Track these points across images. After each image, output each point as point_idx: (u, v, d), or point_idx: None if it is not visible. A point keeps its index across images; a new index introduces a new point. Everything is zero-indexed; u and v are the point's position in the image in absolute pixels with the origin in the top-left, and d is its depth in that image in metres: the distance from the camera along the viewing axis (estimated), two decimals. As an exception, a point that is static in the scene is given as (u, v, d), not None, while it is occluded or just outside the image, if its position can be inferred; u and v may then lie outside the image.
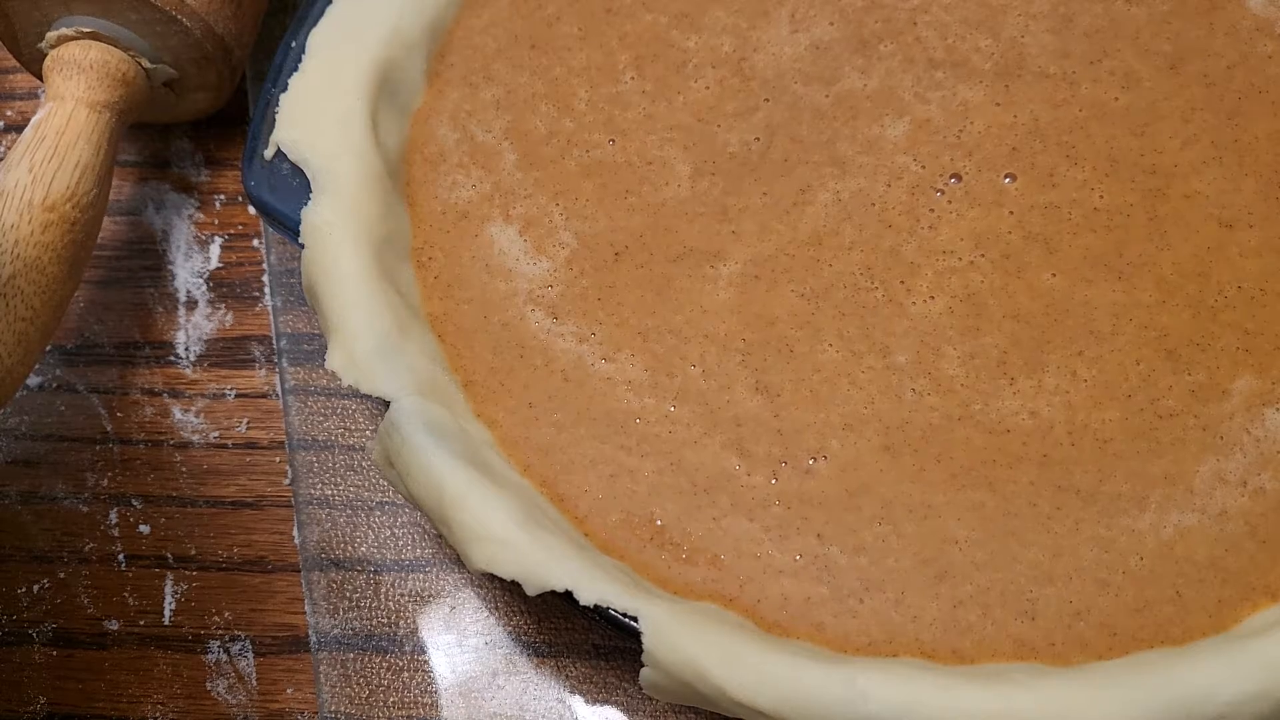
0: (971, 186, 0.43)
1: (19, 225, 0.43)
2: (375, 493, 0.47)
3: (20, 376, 0.44)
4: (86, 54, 0.47)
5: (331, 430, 0.48)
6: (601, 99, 0.45)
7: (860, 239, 0.42)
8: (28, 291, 0.43)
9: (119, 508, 0.48)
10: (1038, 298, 0.41)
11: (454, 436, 0.38)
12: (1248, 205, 0.41)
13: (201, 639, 0.46)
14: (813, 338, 0.41)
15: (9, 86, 0.56)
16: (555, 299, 0.42)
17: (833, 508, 0.39)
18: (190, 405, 0.50)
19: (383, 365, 0.39)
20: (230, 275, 0.52)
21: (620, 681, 0.44)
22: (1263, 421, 0.39)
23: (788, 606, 0.38)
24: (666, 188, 0.43)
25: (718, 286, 0.42)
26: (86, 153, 0.45)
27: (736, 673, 0.35)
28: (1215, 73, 0.43)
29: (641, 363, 0.41)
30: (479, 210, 0.43)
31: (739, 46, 0.45)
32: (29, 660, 0.46)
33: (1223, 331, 0.40)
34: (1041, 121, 0.43)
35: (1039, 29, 0.45)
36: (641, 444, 0.40)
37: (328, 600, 0.45)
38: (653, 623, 0.35)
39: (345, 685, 0.44)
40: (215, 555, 0.47)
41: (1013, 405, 0.40)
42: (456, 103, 0.45)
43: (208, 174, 0.54)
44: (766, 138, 0.44)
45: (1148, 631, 0.37)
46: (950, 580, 0.38)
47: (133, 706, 0.46)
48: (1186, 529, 0.38)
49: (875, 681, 0.35)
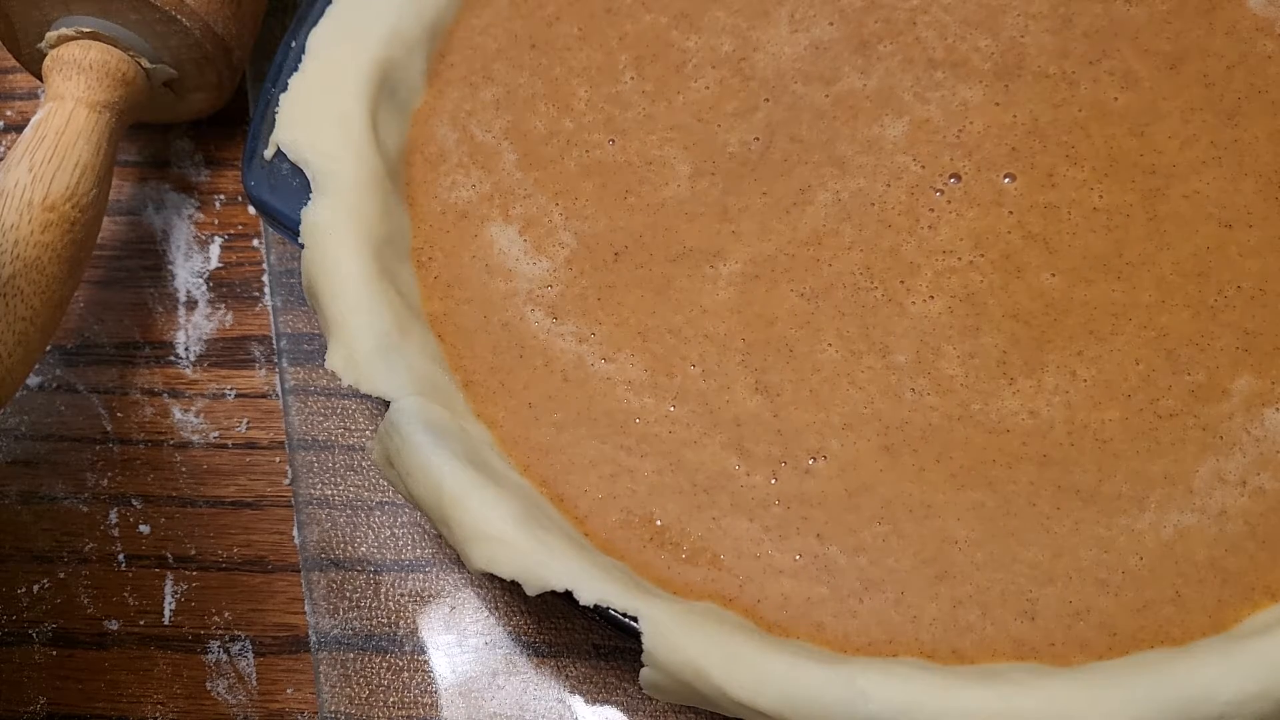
0: (971, 186, 0.43)
1: (19, 225, 0.43)
2: (375, 493, 0.47)
3: (20, 376, 0.43)
4: (86, 54, 0.47)
5: (331, 430, 0.48)
6: (601, 99, 0.45)
7: (860, 239, 0.42)
8: (28, 291, 0.43)
9: (119, 508, 0.48)
10: (1037, 297, 0.41)
11: (454, 436, 0.38)
12: (1247, 205, 0.41)
13: (201, 639, 0.46)
14: (812, 337, 0.41)
15: (9, 86, 0.56)
16: (555, 299, 0.42)
17: (833, 508, 0.39)
18: (190, 405, 0.50)
19: (382, 365, 0.39)
20: (230, 275, 0.52)
21: (620, 681, 0.44)
22: (1262, 421, 0.39)
23: (788, 606, 0.38)
24: (666, 187, 0.43)
25: (717, 286, 0.42)
26: (86, 153, 0.45)
27: (736, 673, 0.35)
28: (1215, 73, 0.43)
29: (641, 363, 0.41)
30: (479, 210, 0.43)
31: (739, 46, 0.45)
32: (29, 660, 0.46)
33: (1222, 331, 0.40)
34: (1041, 121, 0.43)
35: (1039, 29, 0.45)
36: (641, 444, 0.40)
37: (328, 600, 0.45)
38: (653, 623, 0.35)
39: (345, 685, 0.44)
40: (215, 555, 0.47)
41: (1012, 405, 0.40)
42: (456, 103, 0.45)
43: (208, 174, 0.53)
44: (766, 138, 0.44)
45: (1148, 631, 0.37)
46: (950, 580, 0.38)
47: (133, 706, 0.46)
48: (1186, 529, 0.38)
49: (875, 681, 0.35)
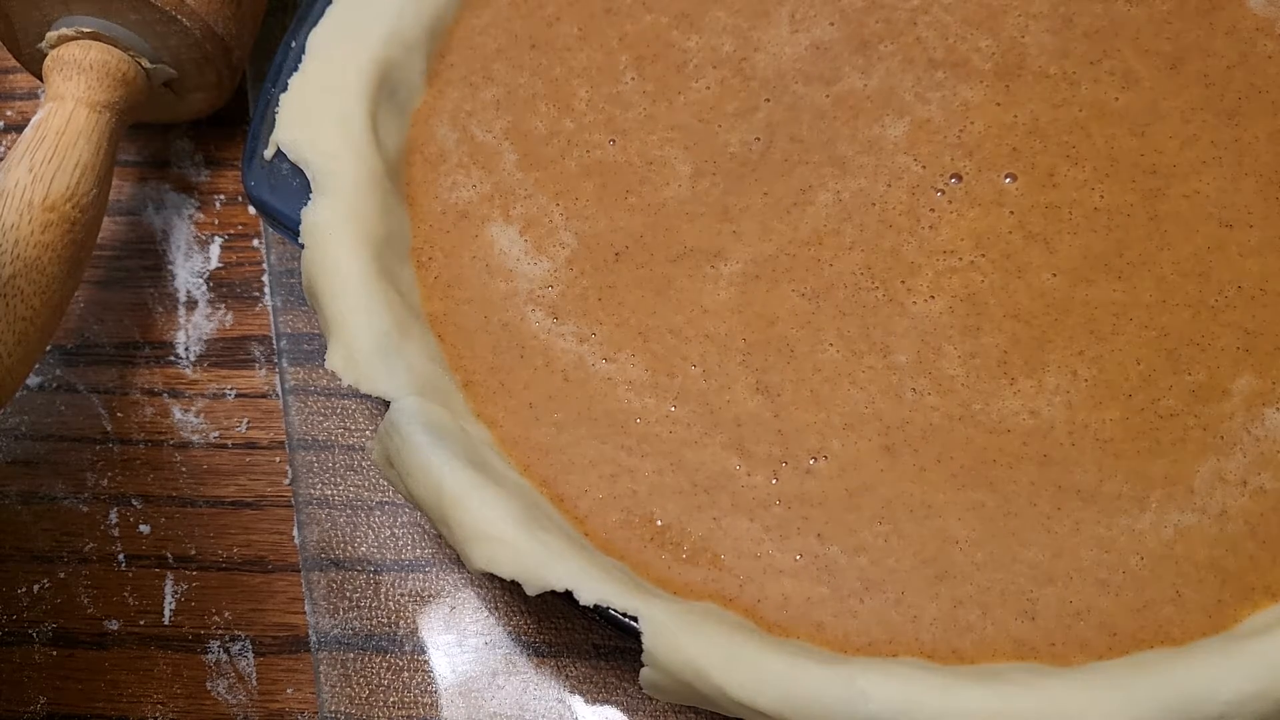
0: (972, 186, 0.43)
1: (19, 225, 0.43)
2: (375, 493, 0.47)
3: (20, 376, 0.43)
4: (86, 54, 0.47)
5: (331, 430, 0.48)
6: (602, 99, 0.45)
7: (861, 239, 0.42)
8: (28, 291, 0.43)
9: (119, 508, 0.48)
10: (1038, 297, 0.41)
11: (454, 436, 0.38)
12: (1247, 205, 0.41)
13: (201, 639, 0.46)
14: (813, 337, 0.41)
15: (9, 86, 0.56)
16: (555, 299, 0.42)
17: (833, 507, 0.39)
18: (190, 405, 0.50)
19: (382, 365, 0.39)
20: (230, 275, 0.52)
21: (620, 681, 0.44)
22: (1263, 421, 0.39)
23: (788, 606, 0.38)
24: (667, 187, 0.43)
25: (718, 286, 0.42)
26: (86, 153, 0.45)
27: (736, 673, 0.35)
28: (1215, 73, 0.43)
29: (642, 363, 0.41)
30: (479, 210, 0.43)
31: (739, 46, 0.45)
32: (29, 660, 0.46)
33: (1223, 331, 0.40)
34: (1041, 121, 0.43)
35: (1039, 29, 0.45)
36: (642, 444, 0.40)
37: (328, 600, 0.45)
38: (653, 623, 0.35)
39: (345, 685, 0.44)
40: (215, 555, 0.47)
41: (1013, 405, 0.40)
42: (456, 103, 0.45)
43: (208, 174, 0.53)
44: (767, 138, 0.44)
45: (1148, 631, 0.37)
46: (950, 580, 0.38)
47: (133, 706, 0.46)
48: (1186, 529, 0.38)
49: (875, 681, 0.35)
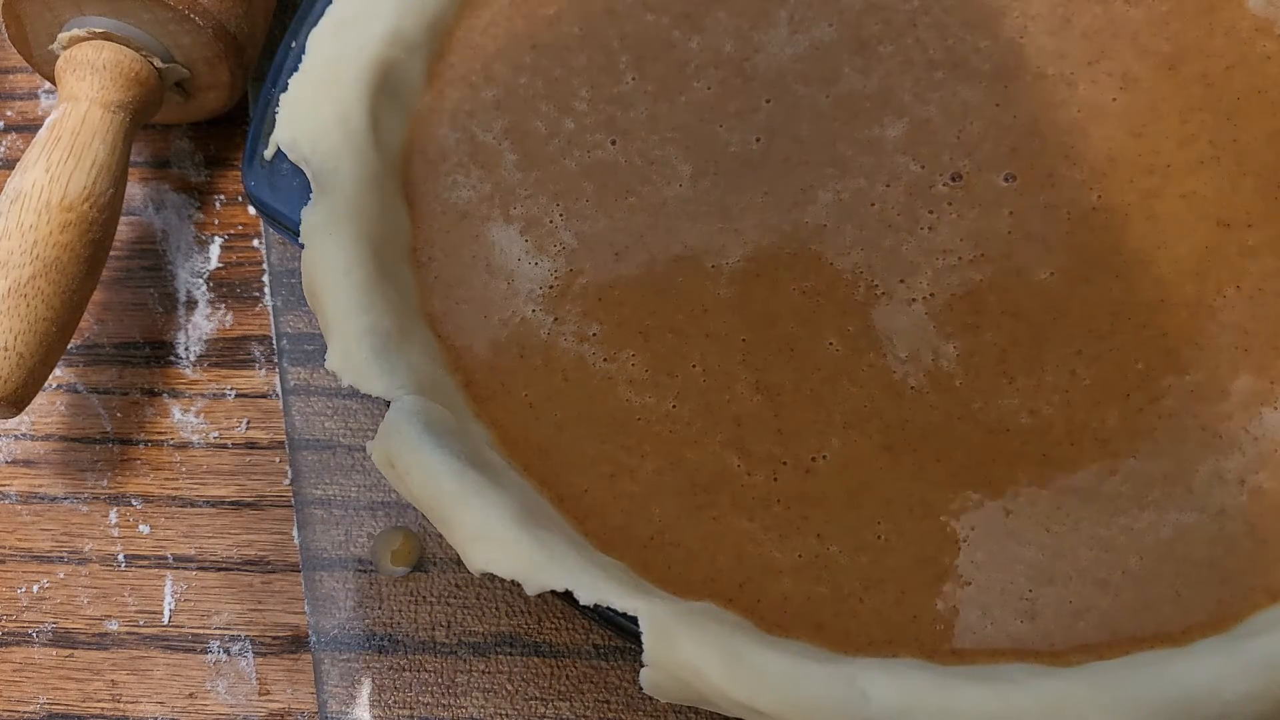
0: (971, 186, 0.43)
1: (38, 226, 0.43)
2: (375, 493, 0.47)
3: (42, 377, 0.44)
4: (99, 54, 0.47)
5: (332, 430, 0.48)
6: (602, 99, 0.45)
7: (860, 238, 0.42)
8: (48, 292, 0.43)
9: (119, 508, 0.48)
10: (1037, 297, 0.41)
11: (454, 436, 0.38)
12: (1246, 205, 0.41)
13: (201, 639, 0.46)
14: (813, 336, 0.41)
15: (9, 86, 0.56)
16: (555, 299, 0.42)
17: (833, 507, 0.39)
18: (190, 405, 0.50)
19: (382, 365, 0.39)
20: (230, 275, 0.52)
21: (620, 681, 0.44)
22: (1261, 421, 0.39)
23: (788, 606, 0.38)
24: (668, 187, 0.43)
25: (719, 285, 0.42)
26: (102, 152, 0.45)
27: (736, 673, 0.35)
28: (1214, 73, 0.43)
29: (642, 362, 0.41)
30: (479, 210, 0.43)
31: (740, 47, 0.45)
32: (29, 660, 0.46)
33: (1222, 331, 0.40)
34: (1040, 122, 0.43)
35: (1038, 30, 0.45)
36: (642, 443, 0.40)
37: (328, 600, 0.45)
38: (653, 623, 0.35)
39: (345, 685, 0.44)
40: (215, 555, 0.47)
41: (1012, 404, 0.40)
42: (456, 103, 0.45)
43: (208, 174, 0.54)
44: (767, 138, 0.44)
45: (1148, 631, 0.37)
46: (950, 580, 0.38)
47: (133, 706, 0.46)
48: (1186, 528, 0.38)
49: (875, 681, 0.35)
